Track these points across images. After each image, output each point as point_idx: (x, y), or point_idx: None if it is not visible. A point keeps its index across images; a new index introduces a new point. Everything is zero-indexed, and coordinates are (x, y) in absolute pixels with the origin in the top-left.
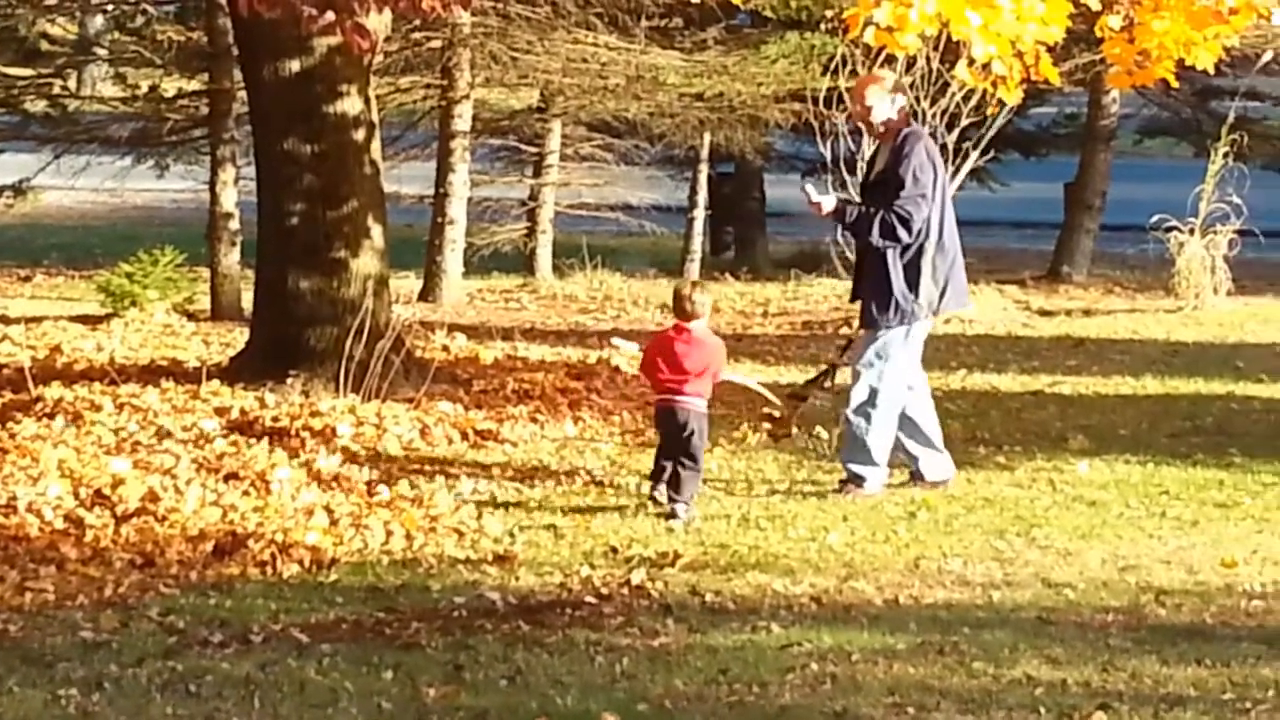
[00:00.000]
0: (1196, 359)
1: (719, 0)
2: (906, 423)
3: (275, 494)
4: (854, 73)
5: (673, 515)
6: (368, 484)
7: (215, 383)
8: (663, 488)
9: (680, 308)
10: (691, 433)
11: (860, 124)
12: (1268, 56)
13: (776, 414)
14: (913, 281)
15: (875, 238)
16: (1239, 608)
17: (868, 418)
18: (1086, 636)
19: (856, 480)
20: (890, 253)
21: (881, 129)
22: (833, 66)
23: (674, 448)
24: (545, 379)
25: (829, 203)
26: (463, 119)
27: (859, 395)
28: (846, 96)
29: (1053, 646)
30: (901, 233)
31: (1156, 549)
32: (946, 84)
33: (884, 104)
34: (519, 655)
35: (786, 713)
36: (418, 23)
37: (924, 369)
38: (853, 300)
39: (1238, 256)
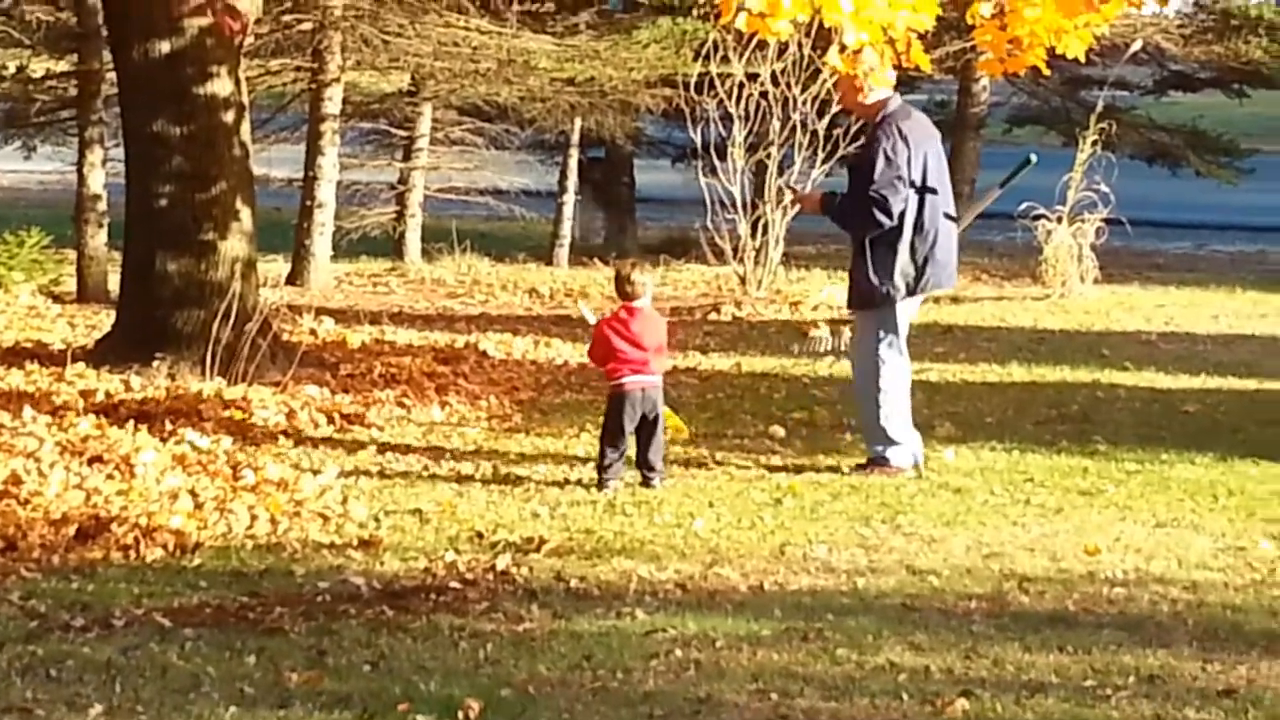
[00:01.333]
0: (1062, 347)
1: None
2: None
3: (139, 477)
4: (725, 59)
5: (647, 484)
6: (233, 468)
7: (80, 365)
8: (615, 483)
9: (621, 289)
10: (659, 412)
11: (846, 110)
12: (1136, 46)
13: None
14: (885, 263)
15: (855, 226)
16: (1101, 595)
17: (875, 400)
18: (950, 623)
19: (880, 461)
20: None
21: (864, 114)
22: (704, 52)
23: (641, 427)
24: (413, 363)
25: (814, 195)
26: (333, 102)
27: (862, 380)
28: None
29: (916, 633)
30: (881, 217)
31: (1020, 536)
32: (818, 71)
33: (861, 94)
34: (382, 640)
35: (650, 699)
36: (289, 5)
37: (794, 356)
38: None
39: (1104, 245)
